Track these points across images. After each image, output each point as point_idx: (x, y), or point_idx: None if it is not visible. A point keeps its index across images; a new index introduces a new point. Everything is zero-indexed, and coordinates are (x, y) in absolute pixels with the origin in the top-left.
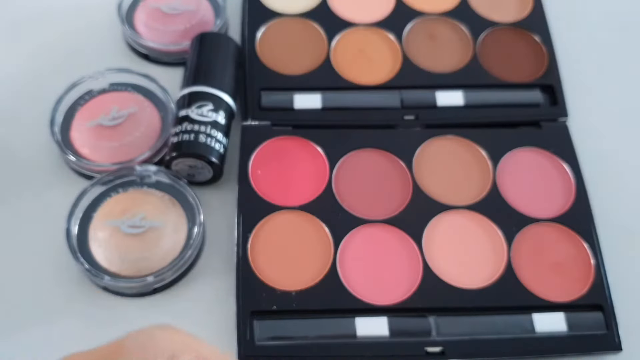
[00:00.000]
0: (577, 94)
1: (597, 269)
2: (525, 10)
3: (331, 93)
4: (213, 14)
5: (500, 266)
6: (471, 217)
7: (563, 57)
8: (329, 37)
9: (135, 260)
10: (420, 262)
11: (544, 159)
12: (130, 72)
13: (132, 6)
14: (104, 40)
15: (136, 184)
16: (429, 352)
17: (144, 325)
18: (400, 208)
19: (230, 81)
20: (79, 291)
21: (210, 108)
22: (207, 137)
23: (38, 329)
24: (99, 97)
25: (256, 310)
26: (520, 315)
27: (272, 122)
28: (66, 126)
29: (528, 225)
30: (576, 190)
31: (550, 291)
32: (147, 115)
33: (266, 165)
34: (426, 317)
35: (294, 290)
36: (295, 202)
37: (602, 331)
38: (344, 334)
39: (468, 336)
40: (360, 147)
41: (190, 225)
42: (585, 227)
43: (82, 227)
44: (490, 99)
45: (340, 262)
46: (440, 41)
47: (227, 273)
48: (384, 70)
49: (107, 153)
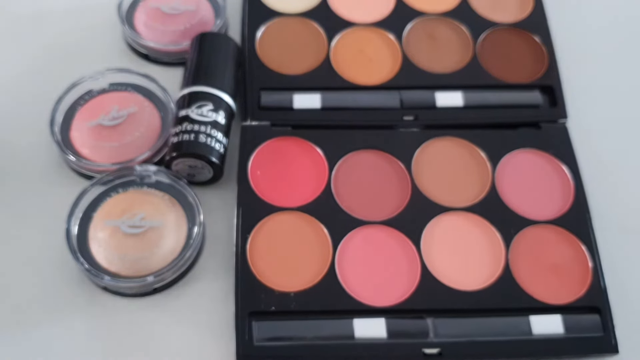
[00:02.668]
0: (577, 95)
1: (594, 272)
2: (525, 10)
3: (331, 93)
4: (213, 14)
5: (498, 268)
6: (470, 219)
7: (563, 57)
8: (328, 37)
9: (135, 260)
10: (418, 264)
11: (543, 160)
12: (130, 72)
13: (132, 6)
14: (104, 40)
15: (136, 184)
16: (426, 354)
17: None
18: (399, 209)
19: (230, 81)
20: (79, 291)
21: (210, 108)
22: (207, 137)
23: (38, 328)
24: (98, 97)
25: (255, 311)
26: (518, 317)
27: (272, 122)
28: (66, 126)
29: (526, 227)
30: (575, 192)
31: (547, 293)
32: (147, 115)
33: (266, 165)
34: (424, 319)
35: (293, 291)
36: (294, 203)
37: (599, 333)
38: (342, 335)
39: (465, 338)
40: (360, 148)
41: (190, 225)
42: (584, 230)
43: (82, 227)
44: (490, 99)
45: (338, 263)
46: (440, 41)
47: (226, 273)
48: (383, 71)
49: (106, 153)
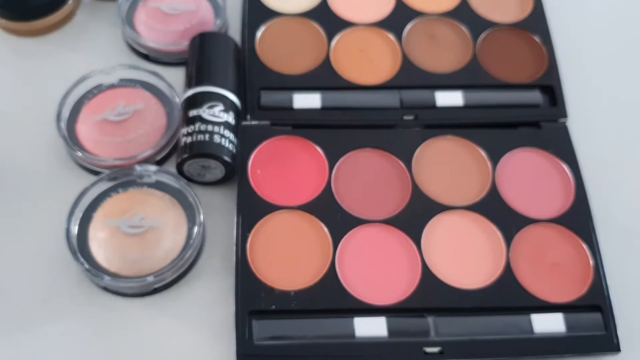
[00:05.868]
0: (577, 95)
1: (596, 270)
2: (525, 10)
3: (331, 93)
4: (213, 14)
5: (499, 267)
6: (470, 218)
7: (563, 57)
8: (328, 37)
9: (135, 260)
10: (419, 263)
11: (543, 159)
12: (139, 69)
13: (132, 6)
14: (104, 40)
15: (136, 184)
16: (427, 353)
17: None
18: (400, 208)
19: (235, 81)
20: (79, 291)
21: (221, 108)
22: (221, 138)
23: (38, 329)
24: (107, 92)
25: (255, 310)
26: (519, 315)
27: (272, 121)
28: (73, 118)
29: (527, 226)
30: (575, 191)
31: (549, 292)
32: (152, 113)
33: (265, 165)
34: (425, 318)
35: (293, 290)
36: (294, 202)
37: (601, 332)
38: (342, 334)
39: (467, 336)
40: (360, 147)
41: (190, 225)
42: (585, 228)
43: (82, 227)
44: (490, 99)
45: (339, 262)
46: (440, 41)
47: (226, 273)
48: (383, 70)
49: (109, 148)
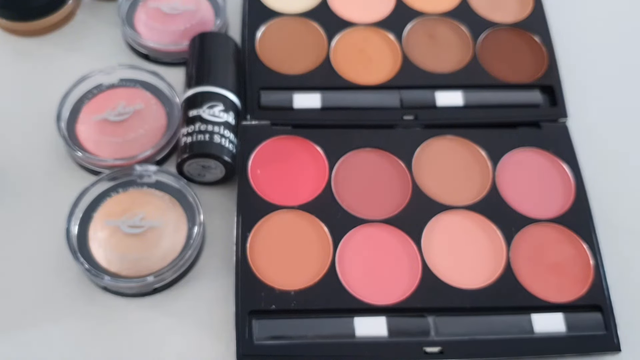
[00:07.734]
0: (577, 95)
1: (596, 270)
2: (525, 10)
3: (331, 93)
4: (213, 14)
5: (500, 266)
6: (470, 218)
7: (563, 57)
8: (329, 37)
9: (135, 260)
10: (419, 262)
11: (543, 159)
12: (140, 69)
13: (132, 6)
14: (104, 40)
15: (136, 184)
16: (427, 352)
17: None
18: (400, 208)
19: (235, 81)
20: (79, 291)
21: (221, 109)
22: (221, 138)
23: (38, 328)
24: (107, 92)
25: (255, 310)
26: (519, 315)
27: (272, 121)
28: (73, 118)
29: (527, 226)
30: (576, 190)
31: (549, 291)
32: (152, 113)
33: (265, 164)
34: (425, 317)
35: (293, 290)
36: (294, 201)
37: (601, 332)
38: (342, 334)
39: (467, 336)
40: (360, 147)
41: (190, 225)
42: (585, 228)
43: (82, 227)
44: (490, 99)
45: (339, 261)
46: (440, 41)
47: (226, 273)
48: (383, 70)
49: (109, 148)
